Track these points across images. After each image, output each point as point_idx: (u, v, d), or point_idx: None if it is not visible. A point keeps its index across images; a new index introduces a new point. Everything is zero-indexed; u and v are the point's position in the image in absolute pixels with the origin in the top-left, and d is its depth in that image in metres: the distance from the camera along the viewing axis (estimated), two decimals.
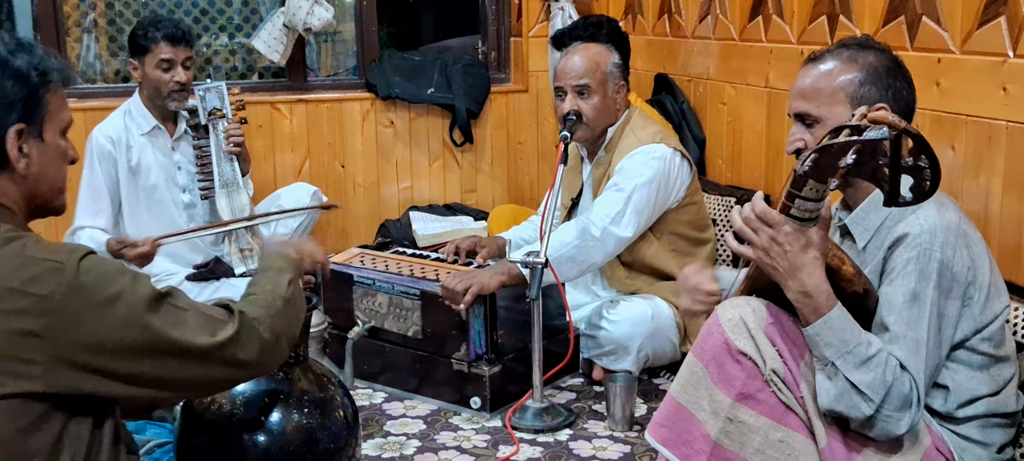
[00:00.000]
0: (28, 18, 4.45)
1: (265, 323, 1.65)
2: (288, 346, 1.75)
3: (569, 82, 2.97)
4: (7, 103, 1.51)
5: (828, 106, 1.87)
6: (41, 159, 1.58)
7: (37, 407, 1.46)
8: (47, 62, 1.57)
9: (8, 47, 1.53)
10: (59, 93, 1.61)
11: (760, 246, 1.72)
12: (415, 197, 4.58)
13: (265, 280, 1.79)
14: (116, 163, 3.45)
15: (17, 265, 1.46)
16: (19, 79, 1.52)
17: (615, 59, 3.02)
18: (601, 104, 2.98)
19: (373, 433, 2.74)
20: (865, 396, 1.68)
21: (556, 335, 3.00)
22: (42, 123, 1.57)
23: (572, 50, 3.06)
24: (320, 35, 4.64)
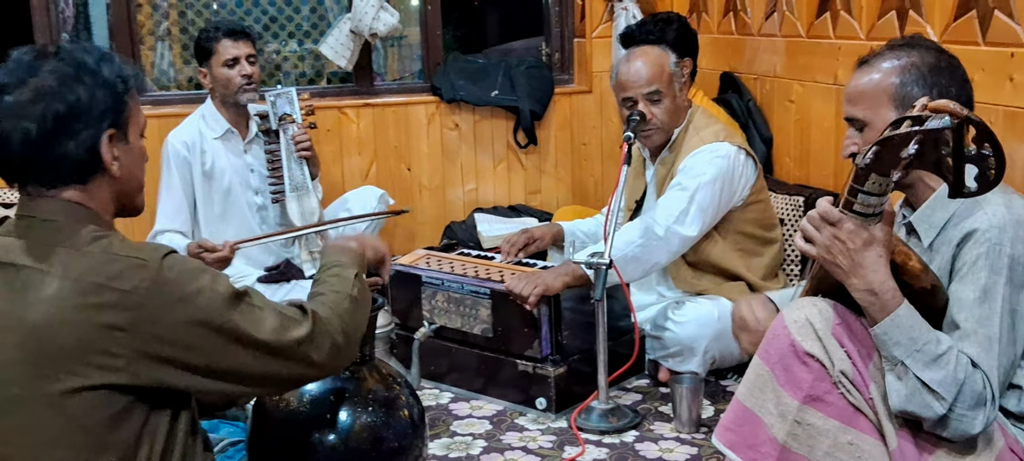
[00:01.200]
0: (104, 27, 4.59)
1: (337, 325, 1.69)
2: (357, 344, 1.79)
3: (639, 91, 2.93)
4: (100, 111, 1.58)
5: (873, 109, 1.86)
6: (128, 160, 1.65)
7: (120, 399, 1.52)
8: (125, 69, 1.64)
9: (94, 57, 1.60)
10: (136, 97, 1.68)
11: (822, 244, 1.70)
12: (480, 199, 4.61)
13: (331, 278, 1.83)
14: (191, 167, 3.55)
15: (103, 262, 1.52)
16: (108, 87, 1.59)
17: (673, 58, 3.00)
18: (671, 106, 2.96)
19: (440, 433, 2.76)
20: (937, 395, 1.65)
21: (621, 336, 3.00)
22: (127, 127, 1.64)
23: (631, 57, 3.01)
24: (386, 40, 4.70)
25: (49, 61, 1.57)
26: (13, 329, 1.51)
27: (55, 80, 1.55)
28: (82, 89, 1.56)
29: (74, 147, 1.57)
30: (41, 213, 1.59)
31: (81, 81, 1.56)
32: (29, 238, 1.57)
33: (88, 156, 1.58)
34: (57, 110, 1.54)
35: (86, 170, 1.59)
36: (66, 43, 1.64)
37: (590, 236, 3.31)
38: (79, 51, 1.60)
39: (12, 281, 1.54)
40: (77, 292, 1.50)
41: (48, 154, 1.56)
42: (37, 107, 1.54)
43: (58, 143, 1.56)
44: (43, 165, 1.58)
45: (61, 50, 1.60)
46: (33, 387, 1.49)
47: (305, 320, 1.64)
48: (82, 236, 1.56)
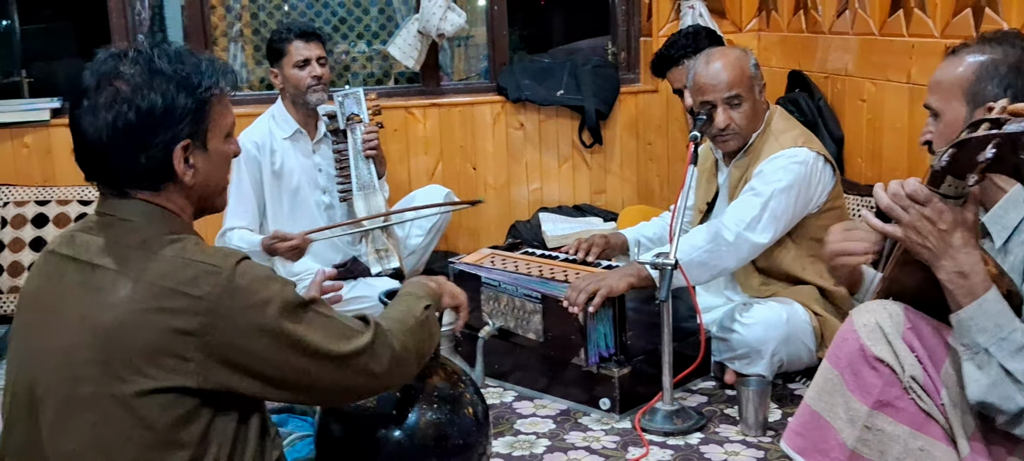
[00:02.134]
0: (179, 28, 4.70)
1: (398, 338, 1.71)
2: (418, 364, 1.80)
3: (719, 95, 2.87)
4: (176, 119, 1.57)
5: (946, 100, 1.83)
6: (205, 167, 1.64)
7: (189, 401, 1.54)
8: (210, 73, 1.62)
9: (172, 62, 1.59)
10: (223, 100, 1.66)
11: (909, 223, 1.64)
12: (545, 198, 4.61)
13: (401, 302, 1.86)
14: (261, 166, 3.62)
15: (177, 266, 1.54)
16: (186, 95, 1.58)
17: (753, 60, 2.95)
18: (751, 110, 2.91)
19: (503, 431, 2.77)
20: (1021, 386, 1.60)
21: (687, 337, 2.97)
22: (206, 134, 1.63)
23: (710, 59, 2.93)
24: (453, 40, 4.73)
25: (128, 66, 1.57)
26: (87, 329, 1.54)
27: (130, 88, 1.55)
28: (156, 97, 1.55)
29: (145, 157, 1.57)
30: (119, 212, 1.61)
31: (155, 89, 1.56)
32: (107, 237, 1.60)
33: (159, 165, 1.58)
34: (128, 119, 1.54)
35: (157, 177, 1.60)
36: (148, 46, 1.62)
37: (654, 241, 3.29)
38: (160, 56, 1.59)
39: (88, 280, 1.57)
40: (150, 296, 1.52)
41: (120, 159, 1.58)
42: (109, 114, 1.55)
43: (129, 151, 1.57)
44: (116, 168, 1.59)
45: (142, 55, 1.59)
46: (105, 386, 1.52)
47: (367, 331, 1.66)
48: (158, 239, 1.58)
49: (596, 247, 3.16)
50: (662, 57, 3.67)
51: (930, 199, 1.62)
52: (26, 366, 1.62)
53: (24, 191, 4.18)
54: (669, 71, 3.65)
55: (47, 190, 4.18)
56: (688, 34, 3.65)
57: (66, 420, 1.55)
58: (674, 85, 3.68)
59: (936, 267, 1.65)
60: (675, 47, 3.61)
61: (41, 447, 1.58)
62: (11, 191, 4.16)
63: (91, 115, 1.56)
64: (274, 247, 3.34)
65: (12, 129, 4.26)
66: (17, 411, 1.63)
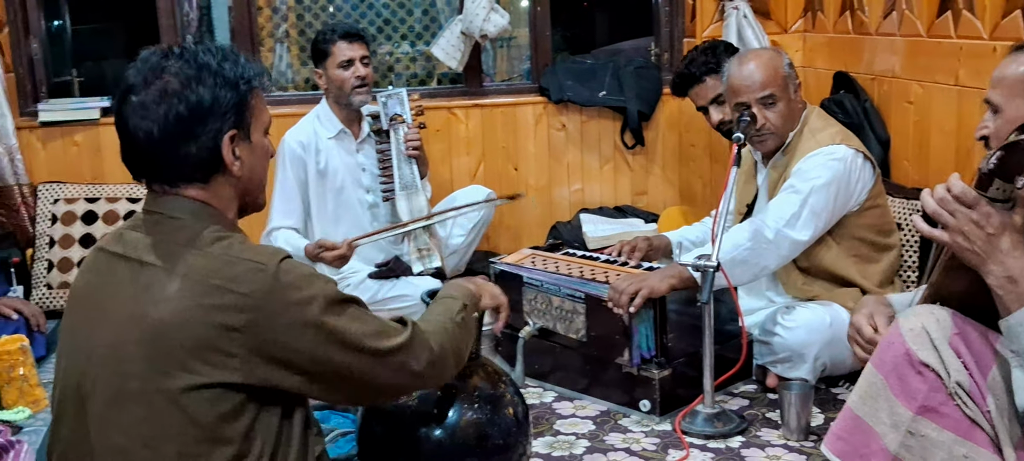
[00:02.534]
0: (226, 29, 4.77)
1: (435, 338, 1.75)
2: (455, 365, 1.83)
3: (752, 95, 2.87)
4: (222, 111, 1.62)
5: (1008, 97, 1.80)
6: (250, 159, 1.69)
7: (234, 396, 1.57)
8: (250, 68, 1.68)
9: (217, 58, 1.64)
10: (261, 96, 1.71)
11: (957, 228, 1.62)
12: (586, 199, 4.61)
13: (440, 305, 1.90)
14: (306, 166, 3.66)
15: (223, 263, 1.57)
16: (229, 87, 1.63)
17: (786, 59, 2.93)
18: (786, 110, 2.89)
19: (543, 432, 2.78)
20: None
21: (728, 340, 2.96)
22: (249, 126, 1.68)
23: (743, 60, 2.94)
24: (496, 41, 4.74)
25: (174, 62, 1.62)
26: (135, 325, 1.57)
27: (178, 82, 1.60)
28: (204, 90, 1.60)
29: (195, 147, 1.61)
30: (167, 210, 1.65)
31: (203, 82, 1.60)
32: (155, 235, 1.63)
33: (209, 156, 1.63)
34: (179, 111, 1.59)
35: (207, 169, 1.64)
36: (191, 44, 1.68)
37: (697, 243, 3.28)
38: (203, 52, 1.64)
39: (136, 277, 1.61)
40: (197, 292, 1.55)
41: (170, 153, 1.62)
42: (160, 108, 1.59)
43: (180, 143, 1.61)
44: (166, 163, 1.63)
45: (186, 51, 1.64)
46: (152, 382, 1.55)
47: (404, 330, 1.70)
48: (205, 236, 1.61)
49: (638, 250, 3.16)
50: (683, 76, 3.67)
51: (977, 202, 1.59)
52: (75, 361, 1.65)
53: (74, 188, 4.26)
54: (691, 89, 3.64)
55: (96, 187, 4.26)
56: (706, 49, 3.63)
57: (114, 415, 1.58)
58: (697, 103, 3.67)
59: (984, 272, 1.63)
60: (694, 64, 3.60)
61: (88, 441, 1.61)
62: (61, 188, 4.24)
63: (141, 111, 1.60)
64: (320, 256, 3.38)
65: (63, 127, 4.35)
66: (65, 406, 1.66)
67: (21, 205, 4.21)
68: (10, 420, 2.94)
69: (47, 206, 4.20)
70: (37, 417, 3.01)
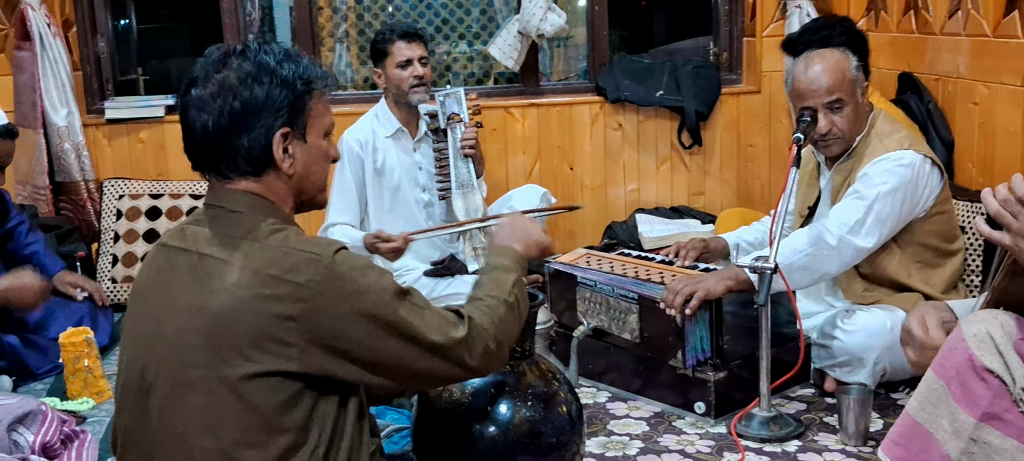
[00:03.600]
0: (287, 29, 4.84)
1: (491, 332, 1.75)
2: (508, 354, 1.84)
3: (819, 100, 2.81)
4: (275, 108, 1.66)
5: None
6: (305, 159, 1.72)
7: (292, 385, 1.59)
8: (312, 71, 1.71)
9: (276, 57, 1.68)
10: (322, 99, 1.74)
11: (1019, 230, 1.58)
12: (642, 199, 4.59)
13: (491, 282, 1.88)
14: (363, 164, 3.70)
15: (280, 255, 1.60)
16: (286, 86, 1.67)
17: (854, 61, 2.87)
18: (853, 114, 2.83)
19: (597, 431, 2.77)
20: None
21: (786, 343, 2.92)
22: (305, 126, 1.71)
23: (809, 62, 2.85)
24: (553, 40, 4.74)
25: (236, 59, 1.67)
26: (197, 315, 1.60)
27: (236, 78, 1.64)
28: (259, 88, 1.64)
29: (247, 141, 1.65)
30: (226, 204, 1.69)
31: (259, 80, 1.65)
32: (214, 228, 1.67)
33: (260, 151, 1.66)
34: (233, 106, 1.64)
35: (258, 164, 1.68)
36: (255, 43, 1.71)
37: (755, 246, 3.24)
38: (265, 52, 1.68)
39: (197, 269, 1.64)
40: (255, 282, 1.58)
41: (223, 145, 1.66)
42: (217, 102, 1.64)
43: (233, 136, 1.65)
44: (219, 155, 1.68)
45: (248, 50, 1.68)
46: (213, 370, 1.58)
47: (462, 324, 1.71)
48: (262, 228, 1.64)
49: (694, 250, 3.13)
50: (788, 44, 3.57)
51: None
52: (138, 352, 1.69)
53: (138, 185, 4.35)
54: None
55: (160, 184, 4.35)
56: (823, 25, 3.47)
57: (175, 403, 1.62)
58: None
59: None
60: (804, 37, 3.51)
61: (150, 430, 1.65)
62: (126, 184, 4.34)
63: (199, 104, 1.66)
64: (376, 247, 3.42)
65: (128, 125, 4.45)
66: (128, 395, 1.70)
67: (87, 200, 4.32)
68: (75, 410, 3.02)
69: (112, 202, 4.30)
70: (101, 408, 3.09)
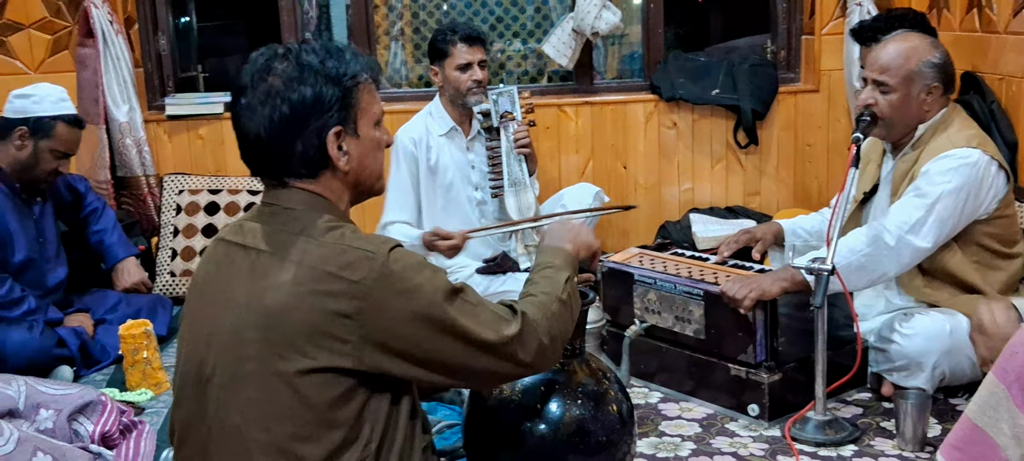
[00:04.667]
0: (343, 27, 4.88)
1: (544, 328, 1.74)
2: (561, 351, 1.83)
3: (870, 73, 2.80)
4: (325, 108, 1.66)
5: None
6: (359, 153, 1.73)
7: (346, 381, 1.61)
8: (356, 64, 1.71)
9: (320, 56, 1.68)
10: (369, 89, 1.74)
11: None
12: (696, 199, 4.55)
13: (543, 280, 1.87)
14: (418, 162, 3.72)
15: (336, 252, 1.61)
16: (332, 84, 1.67)
17: (934, 58, 2.79)
18: (900, 102, 2.78)
19: (648, 432, 2.76)
20: None
21: (842, 346, 2.88)
22: (356, 121, 1.71)
23: (890, 38, 2.84)
24: (607, 38, 4.73)
25: (279, 63, 1.67)
26: (252, 310, 1.62)
27: (281, 82, 1.65)
28: (306, 89, 1.64)
29: (301, 145, 1.66)
30: (282, 202, 1.71)
31: (305, 81, 1.65)
32: (271, 225, 1.69)
33: (315, 153, 1.67)
34: (282, 111, 1.64)
35: (314, 165, 1.69)
36: (296, 43, 1.72)
37: (812, 235, 3.18)
38: (307, 52, 1.68)
39: (254, 265, 1.66)
40: (311, 279, 1.60)
41: (278, 151, 1.67)
42: (265, 109, 1.65)
43: (285, 142, 1.66)
44: (275, 161, 1.69)
45: (290, 51, 1.69)
46: (268, 364, 1.60)
47: (514, 320, 1.70)
48: (318, 225, 1.66)
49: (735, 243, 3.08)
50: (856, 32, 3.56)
51: None
52: (196, 346, 1.72)
53: (197, 180, 4.43)
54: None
55: (219, 180, 4.43)
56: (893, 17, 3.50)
57: (231, 396, 1.64)
58: None
59: None
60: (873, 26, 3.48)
61: (207, 422, 1.68)
62: (186, 180, 4.42)
63: (249, 112, 1.67)
64: (434, 244, 3.43)
65: (188, 121, 4.53)
66: (185, 387, 1.73)
67: (147, 195, 4.41)
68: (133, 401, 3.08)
69: (172, 196, 4.38)
70: (159, 399, 3.15)
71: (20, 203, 3.40)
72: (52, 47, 4.37)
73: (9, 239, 3.33)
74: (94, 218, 3.78)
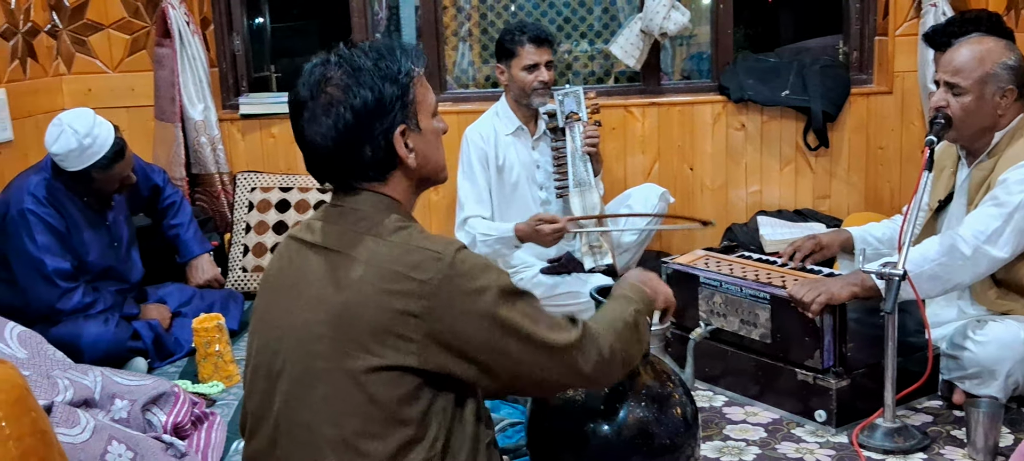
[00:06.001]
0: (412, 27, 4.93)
1: (605, 340, 1.75)
2: (623, 368, 1.83)
3: (943, 75, 2.75)
4: (387, 109, 1.68)
5: None
6: (423, 146, 1.75)
7: (412, 380, 1.63)
8: (406, 59, 1.71)
9: (372, 58, 1.69)
10: (422, 81, 1.75)
11: None
12: (764, 202, 4.50)
13: (614, 304, 1.90)
14: (487, 159, 3.74)
15: (403, 252, 1.64)
16: (391, 83, 1.68)
17: (1008, 60, 2.73)
18: (973, 106, 2.73)
19: (712, 436, 2.74)
20: None
21: (913, 353, 2.82)
22: (416, 116, 1.73)
23: (964, 40, 2.80)
24: (675, 39, 4.70)
25: (333, 70, 1.68)
26: (322, 308, 1.65)
27: (339, 91, 1.66)
28: (365, 92, 1.66)
29: (370, 149, 1.68)
30: (350, 203, 1.73)
31: (362, 85, 1.66)
32: (341, 225, 1.72)
33: (384, 155, 1.70)
34: (346, 120, 1.66)
35: (384, 167, 1.71)
36: (345, 48, 1.72)
37: (883, 242, 3.13)
38: (358, 54, 1.69)
39: (323, 263, 1.70)
40: (379, 278, 1.62)
41: (347, 159, 1.70)
42: (328, 119, 1.67)
43: (353, 148, 1.68)
44: (344, 168, 1.72)
45: (342, 58, 1.69)
46: (337, 362, 1.63)
47: (574, 328, 1.72)
48: (386, 226, 1.68)
49: (803, 251, 3.04)
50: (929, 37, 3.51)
51: None
52: (267, 342, 1.75)
53: (269, 178, 4.51)
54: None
55: (290, 178, 4.50)
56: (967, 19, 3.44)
57: (301, 392, 1.67)
58: None
59: None
60: (947, 30, 3.41)
61: (276, 417, 1.71)
62: (258, 178, 4.51)
63: (313, 124, 1.69)
64: (539, 229, 3.42)
65: (261, 120, 4.62)
66: (257, 382, 1.77)
67: (221, 192, 4.51)
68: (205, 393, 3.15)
69: (244, 194, 4.47)
70: (230, 391, 3.22)
71: (91, 213, 3.48)
72: (130, 47, 4.49)
73: (84, 248, 3.42)
74: (172, 212, 3.87)
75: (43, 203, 3.31)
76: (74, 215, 3.40)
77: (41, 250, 3.29)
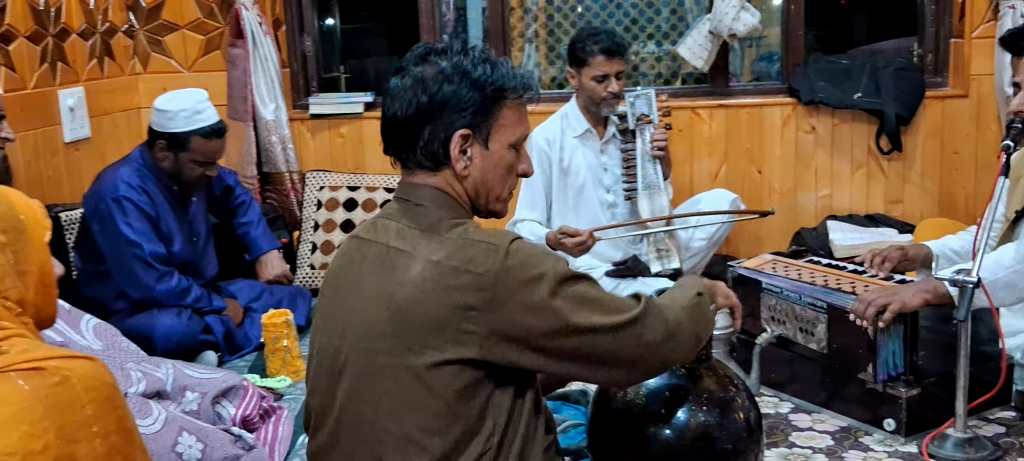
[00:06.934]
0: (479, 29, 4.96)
1: (671, 311, 1.75)
2: (694, 342, 1.82)
3: (1021, 78, 2.67)
4: (460, 107, 1.71)
5: None
6: (482, 165, 1.76)
7: (472, 373, 1.64)
8: (508, 79, 1.74)
9: (474, 61, 1.73)
10: (517, 108, 1.77)
11: None
12: (834, 206, 4.43)
13: (675, 290, 1.91)
14: (551, 162, 3.75)
15: (460, 246, 1.66)
16: (475, 88, 1.71)
17: None
18: None
19: (777, 442, 2.70)
20: None
21: (986, 362, 2.75)
22: (490, 132, 1.75)
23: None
24: (744, 40, 4.64)
25: (436, 57, 1.74)
26: (384, 304, 1.68)
27: (431, 74, 1.71)
28: (449, 86, 1.70)
29: (427, 134, 1.72)
30: (412, 197, 1.76)
31: (450, 80, 1.71)
32: (401, 221, 1.75)
33: (438, 147, 1.72)
34: (421, 100, 1.70)
35: (434, 159, 1.74)
36: (460, 46, 1.76)
37: (960, 254, 3.06)
38: (467, 53, 1.74)
39: (384, 260, 1.72)
40: (438, 273, 1.64)
41: (406, 134, 1.74)
42: (409, 93, 1.72)
43: (416, 128, 1.72)
44: (403, 143, 1.76)
45: (450, 51, 1.75)
46: (399, 358, 1.65)
47: (638, 303, 1.71)
48: (444, 222, 1.71)
49: (890, 260, 2.98)
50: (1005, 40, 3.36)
51: None
52: (330, 338, 1.78)
53: (337, 177, 4.58)
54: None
55: (358, 177, 4.56)
56: None
57: (363, 388, 1.70)
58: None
59: None
60: None
61: (335, 412, 1.74)
62: (326, 177, 4.57)
63: (396, 92, 1.74)
64: (561, 242, 3.46)
65: (330, 120, 4.68)
66: (320, 376, 1.80)
67: (290, 190, 4.58)
68: (273, 387, 3.21)
69: (313, 192, 4.54)
70: (297, 386, 3.27)
71: (176, 204, 3.57)
72: (205, 47, 4.59)
73: (170, 237, 3.51)
74: (242, 211, 3.95)
75: (137, 190, 3.40)
76: (162, 204, 3.49)
77: (138, 234, 3.37)
